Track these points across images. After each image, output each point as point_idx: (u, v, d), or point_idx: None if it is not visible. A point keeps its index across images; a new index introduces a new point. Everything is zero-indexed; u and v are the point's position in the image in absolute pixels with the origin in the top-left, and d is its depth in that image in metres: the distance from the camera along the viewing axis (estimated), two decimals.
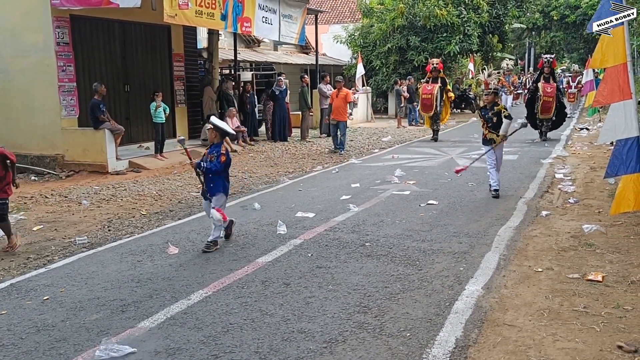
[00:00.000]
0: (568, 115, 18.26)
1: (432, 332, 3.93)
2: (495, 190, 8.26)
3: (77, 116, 11.78)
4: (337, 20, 31.20)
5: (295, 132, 17.08)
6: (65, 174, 11.28)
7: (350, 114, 16.35)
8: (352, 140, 16.37)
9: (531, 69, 47.91)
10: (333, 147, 13.90)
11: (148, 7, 11.57)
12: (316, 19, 19.80)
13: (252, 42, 23.36)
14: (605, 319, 4.06)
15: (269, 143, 15.70)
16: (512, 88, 26.70)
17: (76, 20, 11.62)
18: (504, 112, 8.17)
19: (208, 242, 6.04)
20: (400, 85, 21.82)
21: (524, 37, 47.55)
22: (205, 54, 16.63)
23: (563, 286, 4.73)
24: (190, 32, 15.18)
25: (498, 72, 28.13)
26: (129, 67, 13.39)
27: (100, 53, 12.57)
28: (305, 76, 17.42)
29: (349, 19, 30.64)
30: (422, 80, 18.37)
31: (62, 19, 11.29)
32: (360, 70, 22.19)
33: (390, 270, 5.20)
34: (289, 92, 16.76)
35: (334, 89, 14.28)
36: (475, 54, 26.53)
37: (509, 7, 26.88)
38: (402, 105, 21.78)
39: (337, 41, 26.50)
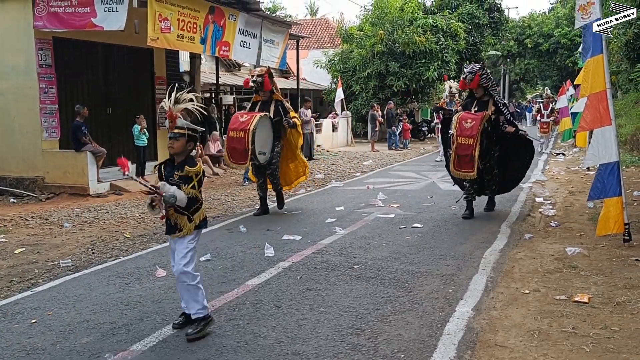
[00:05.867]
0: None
1: (425, 354, 3.95)
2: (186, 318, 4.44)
3: (59, 138, 11.69)
4: (317, 46, 31.57)
5: None
6: (45, 197, 11.14)
7: None
8: (333, 164, 16.49)
9: (506, 95, 48.85)
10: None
11: (131, 30, 11.63)
12: (297, 44, 20.02)
13: (232, 67, 23.50)
14: (594, 340, 4.13)
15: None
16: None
17: (59, 42, 11.60)
18: (194, 190, 4.29)
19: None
20: (375, 110, 22.13)
21: (499, 64, 48.57)
22: (187, 78, 16.69)
23: (551, 307, 4.81)
24: (172, 56, 15.25)
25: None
26: (111, 90, 13.36)
27: (83, 75, 12.53)
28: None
29: (329, 45, 31.03)
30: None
31: (45, 41, 11.26)
32: (340, 94, 22.47)
33: (380, 292, 5.23)
34: None
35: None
36: (453, 80, 27.02)
37: (485, 35, 27.55)
38: (377, 129, 22.10)
39: (317, 66, 26.82)
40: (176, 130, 4.33)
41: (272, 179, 9.15)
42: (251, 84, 8.78)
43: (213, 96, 18.96)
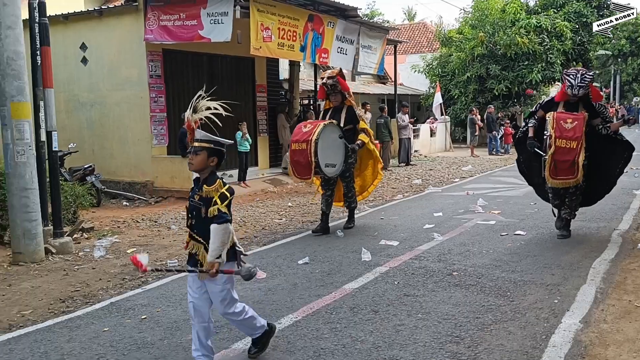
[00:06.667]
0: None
1: None
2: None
3: (167, 145, 12.33)
4: (414, 50, 31.29)
5: None
6: (154, 200, 11.77)
7: None
8: (431, 170, 16.26)
9: (617, 97, 46.13)
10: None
11: (234, 40, 12.05)
12: (395, 49, 19.95)
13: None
14: None
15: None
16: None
17: (168, 53, 12.25)
18: (218, 204, 3.59)
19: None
20: (474, 114, 21.61)
21: (609, 64, 45.89)
22: (286, 85, 17.07)
23: None
24: (272, 64, 15.66)
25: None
26: (215, 98, 13.87)
27: (189, 84, 13.13)
28: (385, 107, 17.59)
29: (427, 49, 30.67)
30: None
31: (156, 53, 11.93)
32: (438, 99, 22.14)
33: (481, 301, 5.09)
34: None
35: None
36: (557, 82, 25.86)
37: (593, 34, 26.09)
38: (477, 134, 21.56)
39: (415, 71, 26.58)
40: (196, 144, 3.73)
41: (346, 192, 8.33)
42: (321, 84, 8.10)
43: (311, 102, 19.25)
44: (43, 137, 7.54)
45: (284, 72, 17.64)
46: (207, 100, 3.90)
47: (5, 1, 6.64)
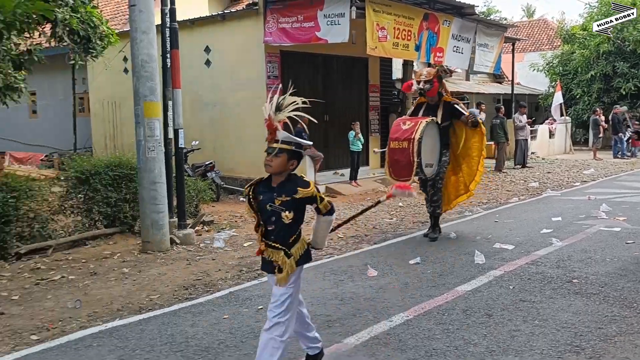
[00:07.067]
0: None
1: None
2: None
3: None
4: (533, 48, 30.05)
5: (487, 163, 16.66)
6: None
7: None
8: (549, 173, 15.59)
9: None
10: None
11: (349, 41, 12.20)
12: (513, 47, 19.30)
13: (444, 72, 23.34)
14: None
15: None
16: None
17: (285, 54, 12.63)
18: (325, 198, 3.57)
19: None
20: (598, 115, 20.39)
21: None
22: (399, 85, 17.02)
23: None
24: (386, 64, 15.70)
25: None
26: (329, 98, 14.14)
27: (304, 84, 13.44)
28: (502, 107, 17.06)
29: (547, 46, 29.35)
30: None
31: (274, 55, 12.36)
32: (558, 99, 21.14)
33: (603, 311, 4.84)
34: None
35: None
36: None
37: None
38: (600, 136, 20.33)
39: (534, 69, 25.54)
40: (275, 145, 3.42)
41: (433, 196, 7.80)
42: (416, 88, 7.63)
43: None
44: (170, 135, 8.06)
45: (396, 72, 17.60)
46: (290, 95, 3.51)
47: (141, 8, 7.18)
